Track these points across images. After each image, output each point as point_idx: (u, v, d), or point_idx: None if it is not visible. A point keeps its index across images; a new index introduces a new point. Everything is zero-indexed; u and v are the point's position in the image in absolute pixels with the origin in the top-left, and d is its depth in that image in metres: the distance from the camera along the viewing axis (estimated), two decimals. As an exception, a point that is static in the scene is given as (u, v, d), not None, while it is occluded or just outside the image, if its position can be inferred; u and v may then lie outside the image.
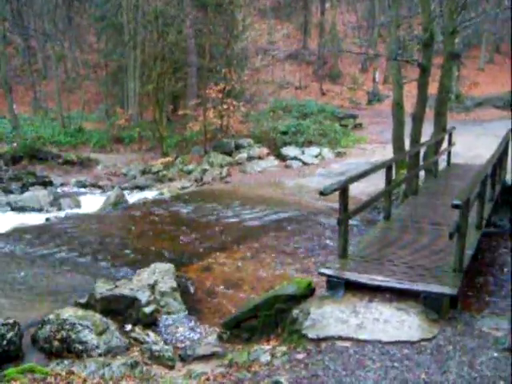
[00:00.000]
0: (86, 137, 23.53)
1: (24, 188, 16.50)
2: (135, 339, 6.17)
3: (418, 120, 11.37)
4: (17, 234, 10.95)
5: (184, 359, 5.75)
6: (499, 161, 9.38)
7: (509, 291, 6.37)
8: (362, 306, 5.45)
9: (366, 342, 4.89)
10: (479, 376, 4.29)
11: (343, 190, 6.34)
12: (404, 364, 4.49)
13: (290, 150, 20.04)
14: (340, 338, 4.98)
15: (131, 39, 24.44)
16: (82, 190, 17.69)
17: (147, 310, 6.68)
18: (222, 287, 7.80)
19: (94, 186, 18.11)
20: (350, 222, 7.17)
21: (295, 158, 19.31)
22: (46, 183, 17.53)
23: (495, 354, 4.63)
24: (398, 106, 13.39)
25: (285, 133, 21.62)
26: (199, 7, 24.05)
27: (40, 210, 14.05)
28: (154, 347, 5.83)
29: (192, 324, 6.77)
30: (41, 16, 27.74)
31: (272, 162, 19.40)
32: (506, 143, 10.65)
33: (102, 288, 6.92)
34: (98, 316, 6.21)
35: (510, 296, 6.12)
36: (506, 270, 7.34)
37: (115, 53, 27.02)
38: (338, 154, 20.20)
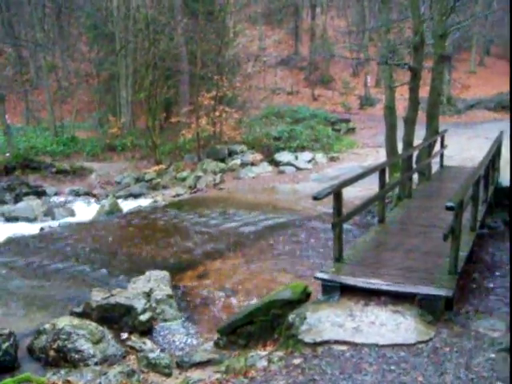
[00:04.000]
0: (79, 146, 23.43)
1: (17, 198, 16.40)
2: (132, 347, 6.16)
3: (410, 123, 11.42)
4: (11, 244, 10.92)
5: (181, 366, 5.73)
6: (492, 162, 9.44)
7: (503, 292, 6.39)
8: (358, 310, 5.46)
9: (362, 345, 4.89)
10: (476, 377, 4.30)
11: (337, 194, 6.36)
12: (401, 367, 4.50)
13: (283, 156, 20.07)
14: (336, 342, 4.98)
15: (123, 48, 24.45)
16: (76, 198, 17.61)
17: (143, 317, 6.66)
18: (217, 293, 7.79)
19: (88, 194, 18.01)
20: (345, 226, 7.18)
21: (288, 164, 19.32)
22: (39, 193, 17.43)
23: (492, 355, 4.64)
24: (389, 110, 13.45)
25: (278, 138, 21.66)
26: (190, 15, 24.10)
27: (34, 219, 13.98)
28: (151, 355, 5.81)
29: (188, 331, 6.76)
30: (31, 25, 27.71)
31: (265, 167, 19.41)
32: (498, 145, 10.72)
33: (98, 296, 6.90)
34: (93, 325, 6.20)
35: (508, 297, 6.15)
36: (500, 271, 7.36)
37: (107, 61, 26.99)
38: (332, 159, 20.26)
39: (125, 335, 6.45)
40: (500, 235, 9.37)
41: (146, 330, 6.63)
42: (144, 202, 15.92)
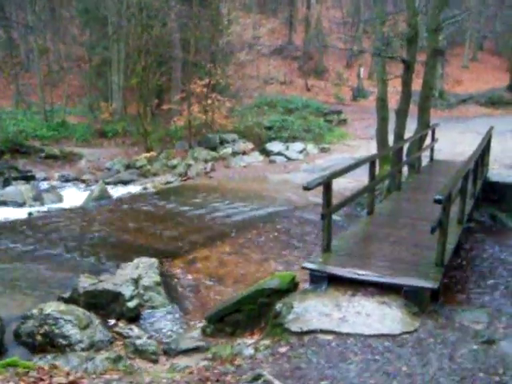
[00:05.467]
0: (69, 131, 23.25)
1: (6, 182, 16.28)
2: (119, 333, 6.16)
3: (401, 116, 11.46)
4: (-1, 228, 10.85)
5: (168, 353, 5.76)
6: (481, 157, 9.51)
7: (488, 285, 6.47)
8: (345, 300, 5.50)
9: (348, 335, 4.94)
10: (459, 368, 4.36)
11: (327, 184, 6.39)
12: (385, 357, 4.55)
13: (274, 146, 20.08)
14: (323, 332, 5.02)
15: (115, 32, 24.22)
16: (65, 184, 17.52)
17: (131, 304, 6.66)
18: (205, 281, 7.82)
19: (78, 180, 17.92)
20: (334, 217, 7.22)
21: (280, 154, 19.35)
22: (28, 178, 17.32)
23: (475, 347, 4.71)
24: (381, 102, 13.48)
25: (269, 128, 21.65)
26: (184, 1, 23.91)
27: (22, 204, 13.88)
28: (138, 341, 5.83)
29: (176, 318, 6.78)
30: (22, 7, 27.37)
31: (257, 157, 19.43)
32: (487, 140, 10.79)
33: (86, 282, 6.89)
34: (81, 310, 6.19)
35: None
36: (486, 264, 7.45)
37: (99, 46, 26.73)
38: (323, 150, 20.30)
39: (112, 321, 6.46)
40: (487, 229, 9.47)
41: (134, 317, 6.64)
42: (134, 189, 15.87)
